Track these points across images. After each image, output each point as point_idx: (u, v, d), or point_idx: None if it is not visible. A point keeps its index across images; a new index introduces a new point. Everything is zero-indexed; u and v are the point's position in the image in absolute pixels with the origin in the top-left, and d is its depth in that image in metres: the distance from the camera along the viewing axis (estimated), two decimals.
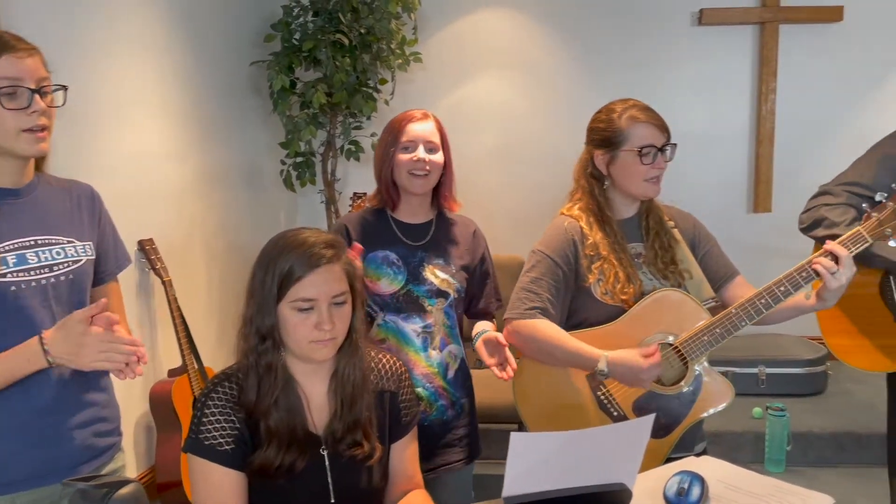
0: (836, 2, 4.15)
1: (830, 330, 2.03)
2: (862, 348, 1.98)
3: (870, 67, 4.27)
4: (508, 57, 4.33)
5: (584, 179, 1.89)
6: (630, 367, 1.70)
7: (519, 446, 1.05)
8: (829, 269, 1.63)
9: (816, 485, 3.16)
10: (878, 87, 4.29)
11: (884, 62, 4.26)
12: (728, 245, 4.52)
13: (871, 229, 1.65)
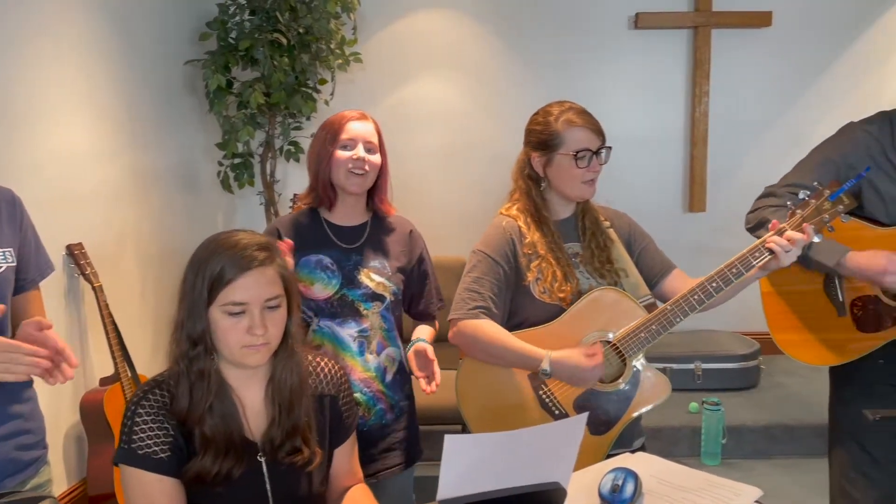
0: (765, 7, 4.29)
1: (777, 326, 2.08)
2: (808, 343, 2.02)
3: (798, 70, 4.42)
4: (450, 57, 4.34)
5: (521, 180, 1.91)
6: (573, 367, 1.72)
7: (453, 448, 1.04)
8: (784, 247, 1.67)
9: (751, 476, 3.29)
10: (806, 89, 4.45)
11: (811, 65, 4.42)
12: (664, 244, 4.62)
13: (796, 226, 1.70)
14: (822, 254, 1.88)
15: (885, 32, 4.40)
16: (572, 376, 1.74)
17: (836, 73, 4.44)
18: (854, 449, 1.98)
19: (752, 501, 1.32)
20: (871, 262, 1.82)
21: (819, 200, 1.69)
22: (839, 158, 1.92)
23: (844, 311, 1.95)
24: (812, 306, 2.01)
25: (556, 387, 1.82)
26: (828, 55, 4.43)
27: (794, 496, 3.10)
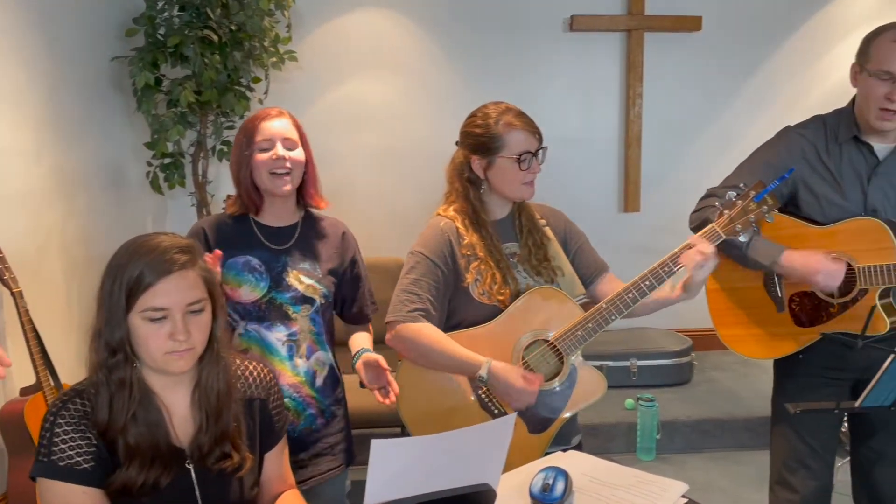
0: (695, 12, 4.40)
1: (722, 322, 2.14)
2: (751, 338, 2.09)
3: (728, 73, 4.55)
4: (387, 57, 4.31)
5: (458, 182, 1.90)
6: (507, 384, 1.73)
7: (380, 453, 1.03)
8: (697, 262, 1.69)
9: (684, 470, 3.36)
10: (735, 91, 4.58)
11: (740, 68, 4.56)
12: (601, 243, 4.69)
13: (724, 226, 1.74)
14: (759, 253, 1.95)
15: (810, 36, 4.57)
16: (503, 391, 1.75)
17: (764, 75, 4.59)
18: (794, 440, 2.05)
19: (678, 496, 1.35)
20: (804, 263, 1.89)
21: (745, 201, 1.74)
22: (776, 161, 1.99)
23: (783, 307, 2.02)
24: (753, 303, 2.07)
25: None
26: (756, 58, 4.57)
27: (725, 488, 3.18)
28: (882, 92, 1.84)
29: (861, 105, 1.93)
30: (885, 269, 1.84)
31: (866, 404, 1.63)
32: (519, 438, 1.80)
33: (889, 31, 1.87)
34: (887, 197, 1.92)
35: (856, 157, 1.95)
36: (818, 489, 2.04)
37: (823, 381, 1.99)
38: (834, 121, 2.00)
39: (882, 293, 1.89)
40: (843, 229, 1.92)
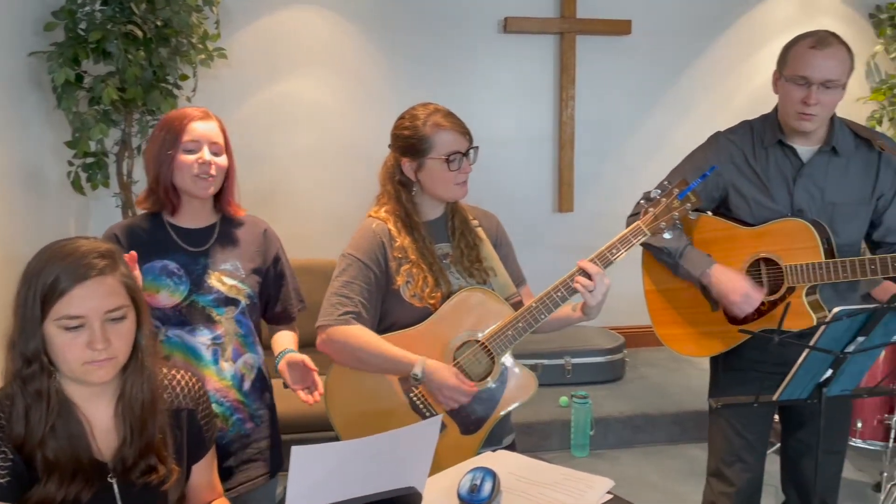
0: (625, 16, 4.50)
1: (659, 321, 2.18)
2: (687, 336, 2.14)
3: (656, 77, 4.67)
4: (320, 55, 4.26)
5: (390, 185, 1.89)
6: (441, 383, 1.72)
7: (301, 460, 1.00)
8: (587, 287, 1.74)
9: (616, 465, 3.42)
10: (664, 94, 4.70)
11: (668, 72, 4.68)
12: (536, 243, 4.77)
13: (649, 223, 1.78)
14: (690, 263, 2.01)
15: (735, 41, 4.73)
16: (437, 390, 1.75)
17: (691, 78, 4.72)
18: (731, 434, 2.11)
19: (604, 492, 1.37)
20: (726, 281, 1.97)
21: (669, 199, 1.78)
22: (706, 165, 2.05)
23: (717, 306, 2.08)
24: (689, 302, 2.12)
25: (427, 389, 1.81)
26: (683, 62, 4.70)
27: (655, 483, 3.26)
28: (799, 96, 1.92)
29: (782, 109, 2.01)
30: (811, 268, 1.92)
31: (784, 397, 1.69)
32: (451, 440, 1.81)
33: (804, 39, 1.96)
34: (812, 198, 1.99)
35: (781, 160, 2.02)
36: (751, 481, 2.11)
37: (757, 376, 2.05)
38: (760, 125, 2.08)
39: (808, 290, 1.96)
40: (771, 230, 1.99)
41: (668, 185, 1.81)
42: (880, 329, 1.62)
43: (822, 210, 1.99)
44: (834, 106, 1.95)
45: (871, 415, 2.96)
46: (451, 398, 1.74)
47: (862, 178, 2.00)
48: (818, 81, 1.90)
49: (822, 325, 1.56)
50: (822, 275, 1.91)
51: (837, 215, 1.99)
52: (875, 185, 2.00)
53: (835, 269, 1.89)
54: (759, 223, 2.02)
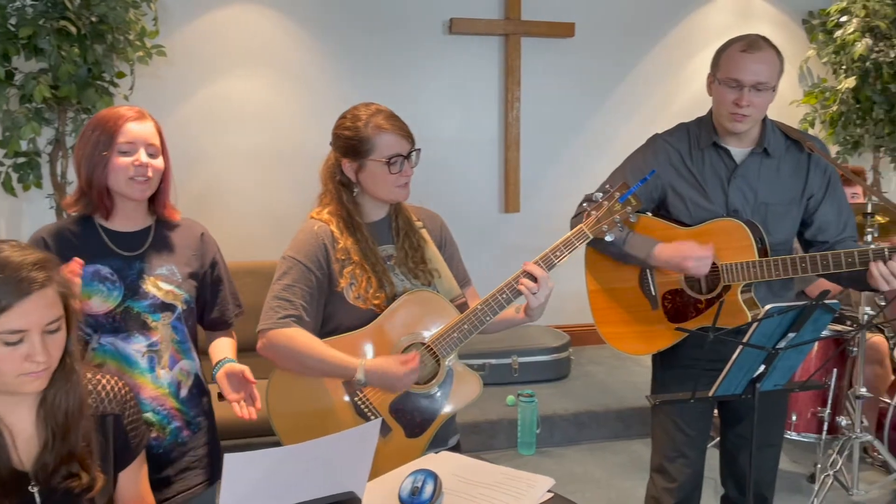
0: (569, 19, 4.55)
1: (602, 320, 2.21)
2: (629, 335, 2.17)
3: (599, 79, 4.74)
4: (263, 54, 4.19)
5: (331, 184, 1.87)
6: (387, 375, 1.71)
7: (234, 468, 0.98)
8: (531, 290, 1.75)
9: (563, 462, 3.46)
10: (607, 96, 4.78)
11: (611, 75, 4.76)
12: (483, 244, 4.80)
13: (591, 226, 1.80)
14: (635, 247, 2.04)
15: (674, 45, 4.84)
16: (386, 384, 1.73)
17: (633, 81, 4.81)
18: (673, 430, 2.15)
19: (544, 491, 1.38)
20: (674, 251, 2.00)
21: (611, 202, 1.80)
22: (645, 167, 2.09)
23: (657, 305, 2.12)
24: (630, 301, 2.16)
25: (372, 392, 1.80)
26: (626, 65, 4.79)
27: (600, 479, 3.30)
28: (731, 98, 1.97)
29: (716, 111, 2.06)
30: (745, 266, 1.97)
31: (719, 393, 1.73)
32: (396, 443, 1.80)
33: (736, 43, 2.01)
34: (746, 198, 2.05)
35: (716, 161, 2.07)
36: (692, 475, 2.15)
37: (698, 372, 2.08)
38: (696, 128, 2.12)
39: (744, 288, 2.01)
40: (707, 230, 2.04)
41: (609, 188, 1.83)
42: (810, 325, 1.68)
43: (755, 210, 2.05)
44: (765, 107, 2.01)
45: (806, 408, 3.06)
46: (403, 385, 1.73)
47: (793, 179, 2.07)
48: (750, 84, 1.95)
49: (755, 322, 1.60)
50: (756, 273, 1.96)
51: (770, 215, 2.05)
52: (805, 186, 2.07)
53: (768, 267, 1.95)
54: (696, 223, 2.07)
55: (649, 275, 2.13)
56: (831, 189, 2.08)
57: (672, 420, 2.15)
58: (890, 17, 4.51)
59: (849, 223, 2.10)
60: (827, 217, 2.07)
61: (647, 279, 2.13)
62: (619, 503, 3.05)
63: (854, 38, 4.57)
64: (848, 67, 4.68)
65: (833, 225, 2.08)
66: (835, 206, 2.08)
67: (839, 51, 4.72)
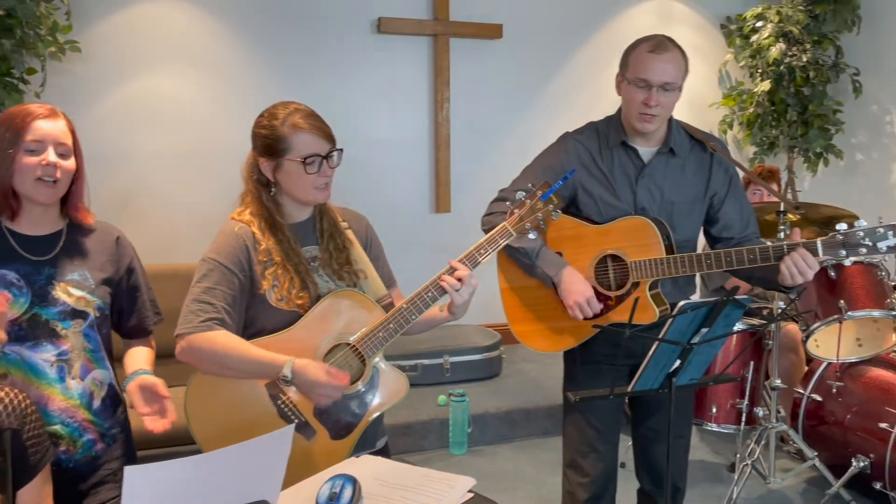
0: (496, 20, 4.59)
1: (514, 318, 2.22)
2: (540, 332, 2.19)
3: (527, 80, 4.80)
4: (185, 51, 4.08)
5: (251, 183, 1.83)
6: (312, 381, 1.67)
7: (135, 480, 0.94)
8: (455, 287, 1.76)
9: (495, 460, 3.48)
10: (535, 97, 4.84)
11: (539, 76, 4.82)
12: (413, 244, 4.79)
13: (514, 224, 1.81)
14: (546, 263, 2.07)
15: (598, 48, 4.93)
16: (309, 389, 1.70)
17: (560, 82, 4.88)
18: (583, 425, 2.18)
19: (464, 491, 1.38)
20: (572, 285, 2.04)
21: (533, 201, 1.82)
22: (556, 165, 2.12)
23: None
24: (542, 299, 2.17)
25: (296, 396, 1.77)
26: (553, 67, 4.86)
27: (531, 475, 3.34)
28: (640, 98, 2.01)
29: (625, 111, 2.10)
30: (653, 263, 2.01)
31: (637, 388, 1.77)
32: (321, 446, 1.78)
33: (644, 43, 2.05)
34: (653, 196, 2.09)
35: (624, 160, 2.11)
36: (605, 469, 2.19)
37: (607, 368, 2.13)
38: (605, 127, 2.16)
39: (651, 285, 2.06)
40: (616, 227, 2.08)
41: (531, 187, 1.85)
42: (722, 320, 1.73)
43: (662, 208, 2.09)
44: (672, 107, 2.06)
45: (725, 400, 3.16)
46: (324, 395, 1.69)
47: (697, 178, 2.12)
48: (658, 84, 1.99)
49: (670, 318, 1.65)
50: (664, 270, 2.01)
51: (676, 213, 2.10)
52: (708, 185, 2.13)
53: (675, 264, 2.00)
54: (605, 221, 2.10)
55: None
56: (733, 187, 2.16)
57: (583, 416, 2.18)
58: (802, 22, 4.71)
59: (751, 220, 2.18)
60: (731, 214, 2.14)
61: None
62: (549, 499, 3.09)
63: (769, 42, 4.76)
64: (763, 71, 4.86)
65: (737, 222, 2.15)
66: (737, 204, 2.16)
67: (755, 55, 4.91)
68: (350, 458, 1.68)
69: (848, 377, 3.01)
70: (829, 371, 3.10)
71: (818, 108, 4.85)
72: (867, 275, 2.86)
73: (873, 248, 1.87)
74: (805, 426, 3.10)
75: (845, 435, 2.93)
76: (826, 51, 4.89)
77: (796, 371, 3.36)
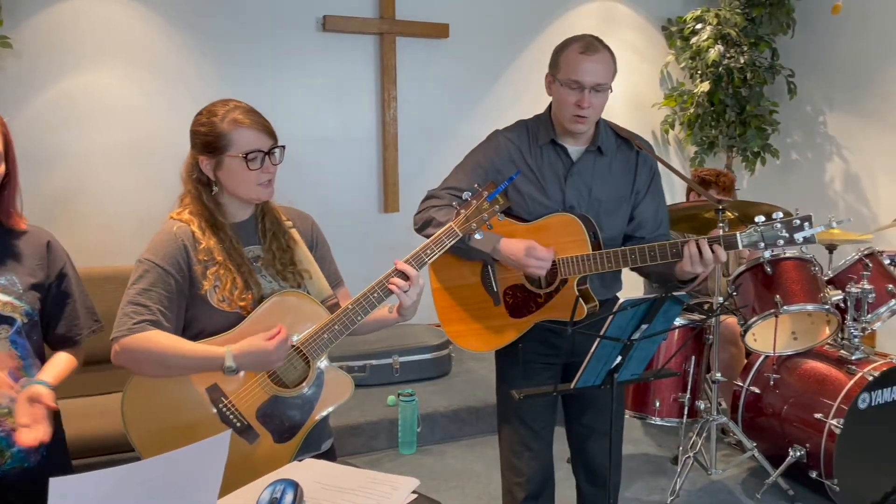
0: (443, 20, 4.59)
1: (446, 319, 2.22)
2: (473, 332, 2.19)
3: (474, 79, 4.81)
4: (124, 48, 3.97)
5: (190, 183, 1.80)
6: (258, 353, 1.66)
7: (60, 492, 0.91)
8: (402, 288, 1.76)
9: (444, 459, 3.48)
10: (482, 97, 4.86)
11: (485, 75, 4.85)
12: (361, 244, 4.75)
13: (461, 224, 1.81)
14: (479, 242, 2.05)
15: (543, 48, 4.96)
16: (260, 362, 1.68)
17: (506, 82, 4.92)
18: (517, 424, 2.19)
19: (408, 492, 1.37)
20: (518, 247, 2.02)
21: (479, 201, 1.83)
22: (487, 163, 2.12)
23: (499, 301, 2.15)
24: (473, 299, 2.18)
25: (238, 398, 1.74)
26: (499, 66, 4.89)
27: (480, 473, 3.35)
28: (573, 99, 2.03)
29: (556, 111, 2.11)
30: (581, 260, 2.03)
31: (580, 385, 1.79)
32: (264, 450, 1.75)
33: (574, 43, 2.06)
34: (581, 194, 2.12)
35: (554, 158, 2.13)
36: (541, 467, 2.21)
37: (540, 367, 2.15)
38: (534, 125, 2.18)
39: (579, 281, 2.08)
40: (545, 224, 2.09)
41: (477, 187, 1.86)
42: (661, 316, 1.76)
43: (589, 206, 2.12)
44: (602, 107, 2.08)
45: (668, 394, 3.24)
46: (278, 359, 1.68)
47: (623, 177, 2.16)
48: (590, 85, 2.01)
49: (610, 314, 1.67)
50: (591, 266, 2.03)
51: (602, 211, 2.12)
52: (633, 183, 2.16)
53: (601, 260, 2.02)
54: (535, 219, 2.11)
55: (491, 271, 2.15)
56: (653, 187, 2.19)
57: (517, 415, 2.19)
58: (740, 25, 4.85)
59: (664, 222, 2.21)
60: (646, 214, 2.17)
61: (489, 276, 2.16)
62: (497, 496, 3.08)
63: (708, 44, 4.87)
64: (703, 72, 4.98)
65: (651, 221, 2.18)
66: (654, 204, 2.19)
67: (695, 56, 5.03)
68: (293, 462, 1.65)
69: (784, 370, 3.11)
70: (766, 364, 3.19)
71: (755, 108, 4.99)
72: (801, 270, 2.95)
73: (790, 240, 1.91)
74: (744, 418, 3.19)
75: (782, 426, 3.03)
76: (762, 53, 5.04)
77: (736, 364, 3.45)
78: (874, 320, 3.09)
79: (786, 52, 5.09)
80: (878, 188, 4.72)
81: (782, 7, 4.91)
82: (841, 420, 2.77)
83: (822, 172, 5.04)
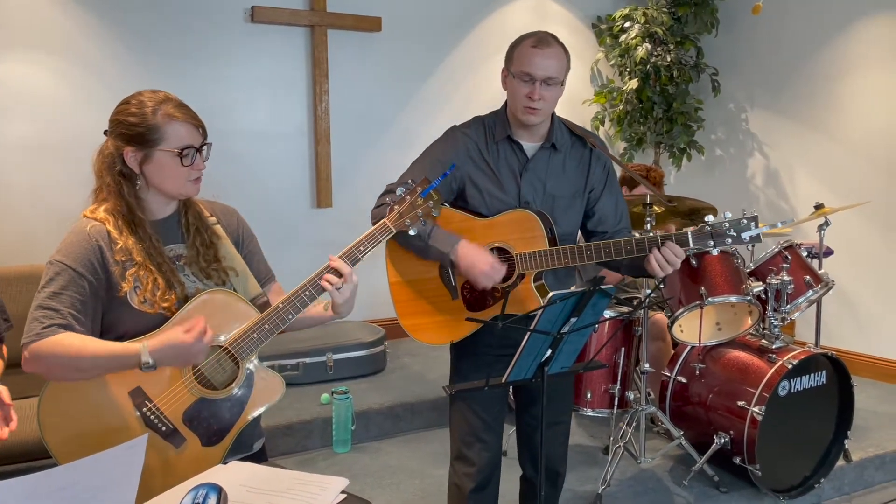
0: (375, 13, 4.55)
1: (403, 312, 2.20)
2: (430, 325, 2.19)
3: (407, 74, 4.79)
4: (40, 37, 3.78)
5: (109, 177, 1.72)
6: (176, 348, 1.60)
7: None
8: (335, 286, 1.74)
9: (379, 456, 3.46)
10: (415, 91, 4.84)
11: (418, 70, 4.83)
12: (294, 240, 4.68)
13: (394, 220, 1.80)
14: (439, 242, 2.06)
15: (476, 44, 5.00)
16: (180, 356, 1.62)
17: (439, 77, 4.91)
18: (470, 416, 2.20)
19: (337, 492, 1.35)
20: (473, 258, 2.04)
21: (413, 197, 1.82)
22: (444, 159, 2.13)
23: (457, 294, 2.16)
24: (431, 292, 2.18)
25: (162, 401, 1.68)
26: (431, 61, 4.88)
27: (414, 468, 3.35)
28: (524, 91, 2.06)
29: (510, 105, 2.15)
30: (537, 255, 2.07)
31: (511, 378, 1.81)
32: (192, 453, 1.70)
33: (528, 38, 2.10)
34: (536, 190, 2.15)
35: (510, 154, 2.15)
36: (491, 459, 2.23)
37: (493, 359, 2.16)
38: (491, 121, 2.20)
39: (536, 276, 2.11)
40: (502, 220, 2.12)
41: (412, 183, 1.84)
42: (589, 309, 1.79)
43: (544, 202, 2.16)
44: (555, 101, 2.12)
45: (599, 386, 3.29)
46: (196, 353, 1.63)
47: (577, 173, 2.20)
48: (541, 78, 2.05)
49: (539, 308, 1.69)
50: (547, 261, 2.07)
51: (557, 207, 2.17)
52: (587, 180, 2.21)
53: (557, 255, 2.06)
54: (492, 214, 2.14)
55: (450, 265, 2.17)
56: (609, 183, 2.25)
57: (468, 406, 2.21)
58: (666, 24, 4.97)
59: (624, 215, 2.28)
60: (606, 209, 2.23)
61: (448, 270, 2.18)
62: (433, 491, 3.11)
63: (636, 42, 4.98)
64: (631, 70, 5.09)
65: (611, 216, 2.24)
66: (612, 200, 2.25)
67: (624, 54, 5.13)
68: (218, 465, 1.61)
69: (709, 359, 3.20)
70: (692, 354, 3.28)
71: (681, 105, 5.13)
72: (725, 263, 3.05)
73: (738, 238, 2.01)
74: (672, 407, 3.28)
75: (707, 414, 3.12)
76: (688, 51, 5.18)
77: (664, 356, 3.54)
78: (793, 310, 3.22)
79: (710, 51, 5.25)
80: (796, 183, 4.92)
81: (706, 7, 5.06)
82: (762, 407, 2.87)
83: (745, 168, 5.22)
